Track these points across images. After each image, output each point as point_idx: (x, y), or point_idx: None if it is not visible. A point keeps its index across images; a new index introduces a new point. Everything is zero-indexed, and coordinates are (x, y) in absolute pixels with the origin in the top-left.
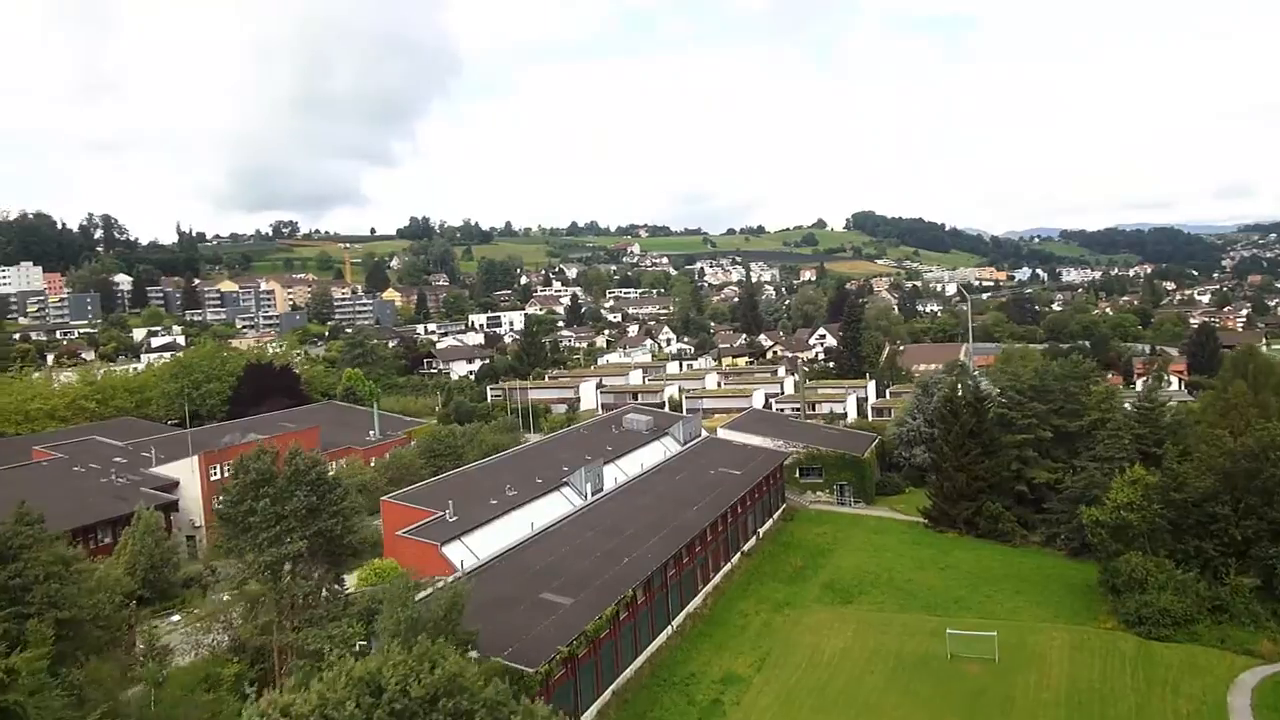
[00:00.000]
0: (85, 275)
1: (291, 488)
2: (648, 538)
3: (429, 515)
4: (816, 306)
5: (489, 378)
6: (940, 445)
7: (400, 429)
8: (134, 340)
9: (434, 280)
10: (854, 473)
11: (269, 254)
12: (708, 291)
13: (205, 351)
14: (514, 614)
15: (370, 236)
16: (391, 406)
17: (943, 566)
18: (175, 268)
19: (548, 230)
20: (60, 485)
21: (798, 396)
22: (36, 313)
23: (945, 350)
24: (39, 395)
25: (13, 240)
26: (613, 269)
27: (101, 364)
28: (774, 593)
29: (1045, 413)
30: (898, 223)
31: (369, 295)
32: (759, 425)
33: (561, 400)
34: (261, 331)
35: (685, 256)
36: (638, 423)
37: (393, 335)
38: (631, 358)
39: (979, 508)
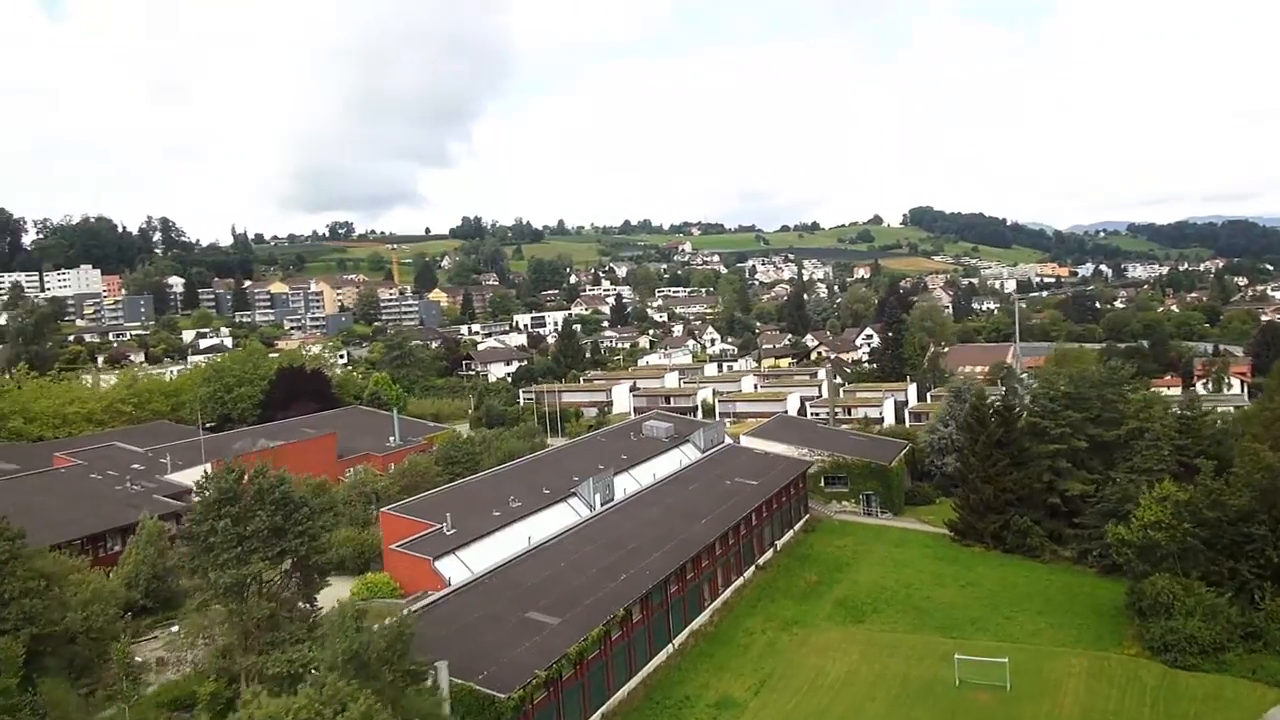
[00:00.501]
0: (139, 278)
1: (255, 507)
2: (649, 552)
3: (427, 527)
4: (866, 305)
5: (525, 379)
6: (966, 455)
7: (423, 434)
8: (183, 342)
9: (484, 280)
10: (880, 482)
11: (324, 254)
12: (758, 290)
13: (238, 355)
14: (496, 634)
15: (425, 236)
16: (425, 409)
17: (964, 584)
18: (230, 269)
19: (600, 229)
20: (74, 492)
21: (829, 401)
22: (93, 315)
23: (992, 352)
24: (77, 399)
25: (75, 244)
26: (663, 267)
27: (139, 367)
28: (784, 610)
29: (1080, 421)
30: (956, 218)
31: (416, 296)
32: (783, 432)
33: (593, 403)
34: (307, 333)
35: (737, 254)
36: (657, 430)
37: (435, 336)
38: (671, 359)
39: (1006, 521)
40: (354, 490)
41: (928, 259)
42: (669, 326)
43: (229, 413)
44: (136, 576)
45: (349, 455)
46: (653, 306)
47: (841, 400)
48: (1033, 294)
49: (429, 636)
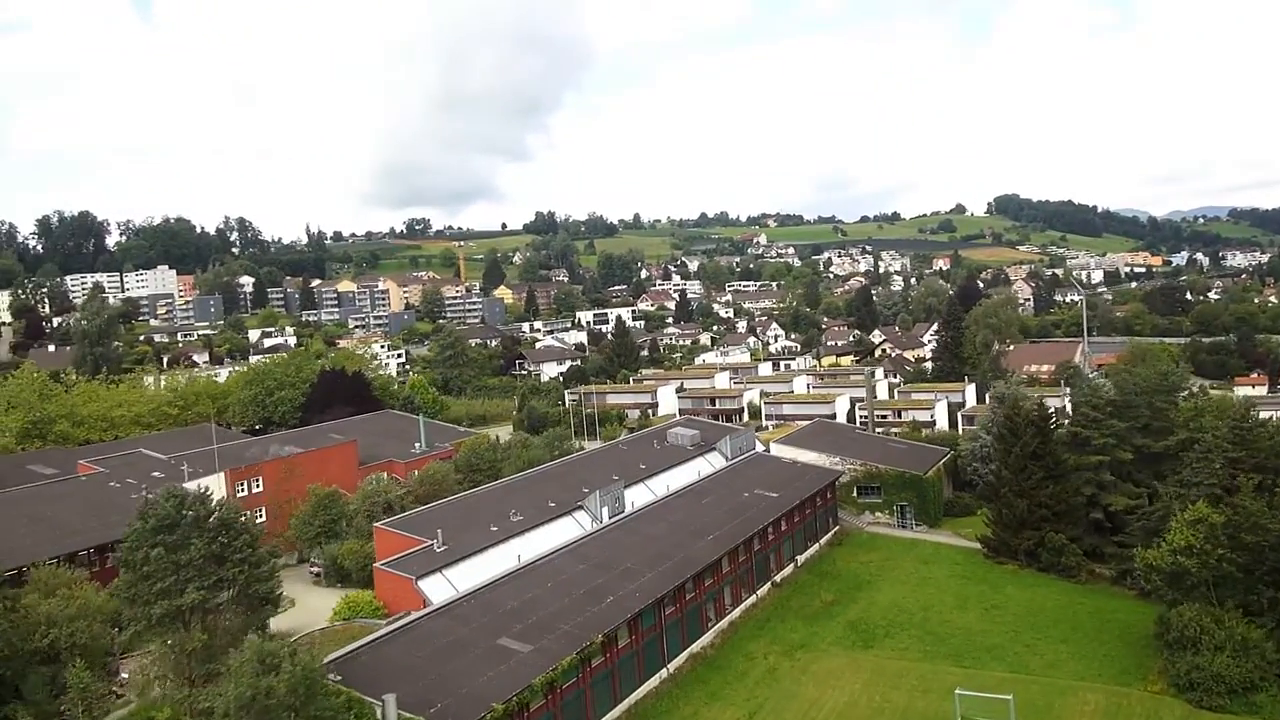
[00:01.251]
0: (210, 278)
1: (189, 535)
2: (643, 573)
3: (419, 543)
4: (939, 299)
5: (576, 379)
6: (999, 468)
7: (453, 439)
8: (249, 342)
9: (554, 276)
10: (914, 493)
11: (400, 251)
12: (831, 283)
13: (281, 358)
14: (462, 662)
15: (500, 232)
16: (473, 410)
17: (988, 606)
18: (304, 268)
19: (676, 222)
20: (90, 502)
21: (885, 403)
22: (165, 315)
23: (1059, 349)
24: (124, 402)
25: (155, 244)
26: (735, 261)
27: (200, 368)
28: (792, 632)
29: (1126, 431)
30: (1044, 206)
31: (481, 293)
32: (816, 439)
33: (637, 405)
34: (370, 331)
35: (813, 246)
36: (682, 437)
37: (495, 334)
38: (727, 357)
39: (1041, 538)
40: (368, 500)
41: (1012, 249)
42: (733, 323)
43: (270, 416)
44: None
45: (372, 462)
46: (720, 302)
47: (890, 403)
48: (1120, 285)
49: (392, 664)
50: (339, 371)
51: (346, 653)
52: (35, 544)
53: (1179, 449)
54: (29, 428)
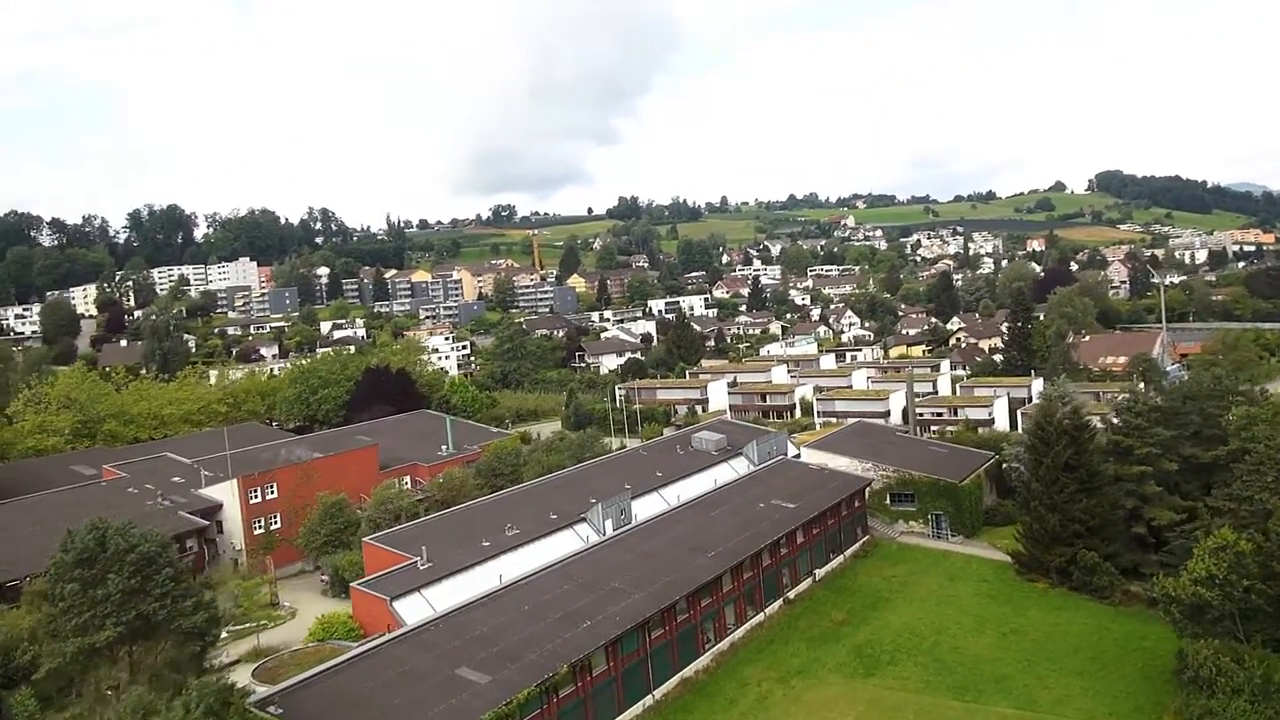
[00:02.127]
0: (286, 270)
1: (108, 570)
2: (631, 593)
3: (405, 560)
4: (1026, 283)
5: (633, 373)
6: (1030, 480)
7: (484, 440)
8: (320, 334)
9: (634, 262)
10: (950, 501)
11: (482, 239)
12: (914, 268)
13: (328, 356)
14: (412, 694)
15: (586, 217)
16: (523, 406)
17: (1007, 630)
18: (384, 257)
19: (763, 204)
20: (104, 508)
21: (941, 400)
22: (242, 307)
23: (1137, 340)
24: (175, 400)
25: (239, 236)
26: (820, 244)
27: (235, 366)
28: (793, 656)
29: (1173, 439)
30: (1149, 182)
31: (556, 281)
32: (850, 443)
33: (687, 401)
34: (440, 322)
35: (901, 228)
36: (707, 442)
37: (562, 324)
38: (793, 347)
39: (1074, 555)
40: (380, 508)
41: (1112, 228)
42: (807, 310)
43: (314, 414)
44: None
45: (396, 465)
46: (799, 288)
47: (946, 399)
48: (1226, 265)
49: (340, 696)
50: (382, 369)
51: (295, 683)
52: (37, 554)
53: (1230, 460)
54: (79, 427)
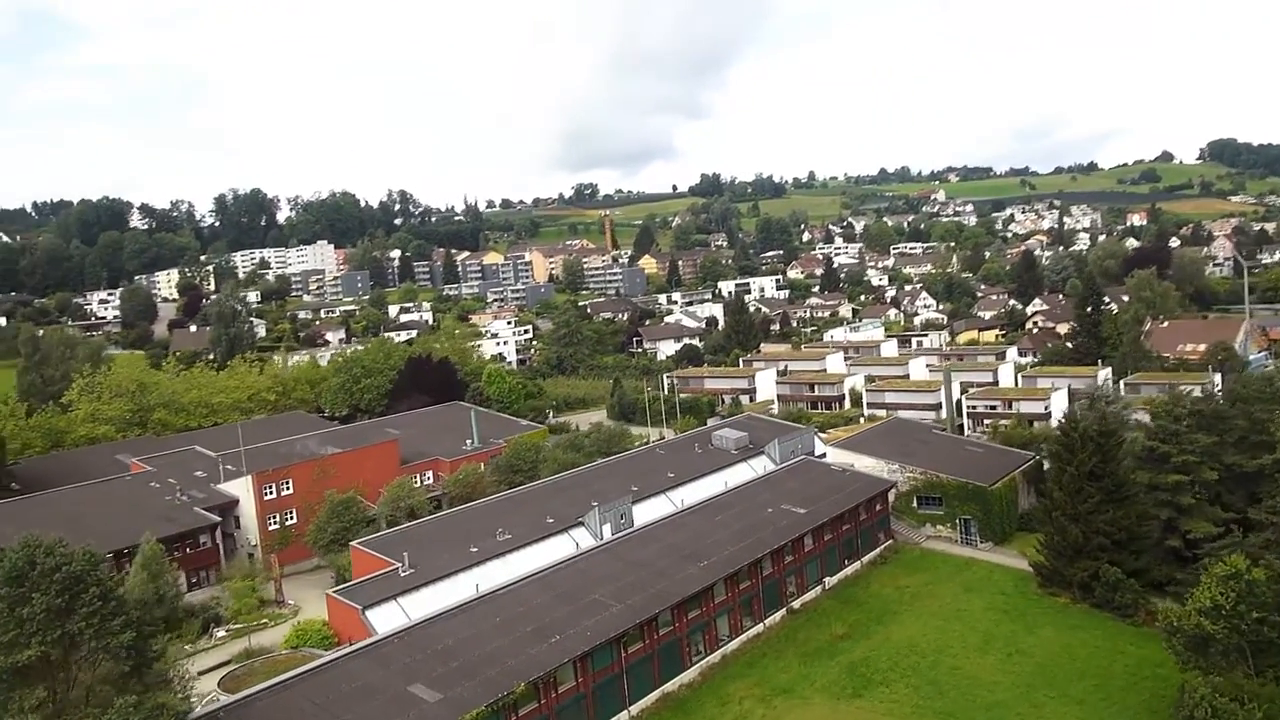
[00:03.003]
0: (359, 253)
1: (35, 588)
2: (611, 605)
3: (388, 565)
4: (1117, 261)
5: (688, 359)
6: (1051, 488)
7: (512, 433)
8: (388, 317)
9: (713, 241)
10: (978, 506)
11: (561, 219)
12: (1008, 243)
13: (373, 345)
14: (359, 712)
15: (670, 194)
16: (572, 393)
17: (1012, 651)
18: (462, 239)
19: (852, 179)
20: (123, 503)
21: (995, 392)
22: (316, 290)
23: (1222, 326)
24: (224, 389)
25: (320, 219)
26: (908, 220)
27: (297, 350)
28: (783, 672)
29: (1214, 446)
30: (1266, 150)
31: (629, 262)
32: (878, 442)
33: (734, 390)
34: (507, 305)
35: (994, 202)
36: (726, 440)
37: (627, 307)
38: (858, 332)
39: (1097, 570)
40: (391, 505)
41: (1221, 200)
42: (882, 291)
43: (358, 403)
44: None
45: (418, 460)
46: (877, 267)
47: (1001, 391)
48: None
49: (287, 712)
50: (424, 359)
51: (241, 698)
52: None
53: (1276, 469)
54: (130, 415)
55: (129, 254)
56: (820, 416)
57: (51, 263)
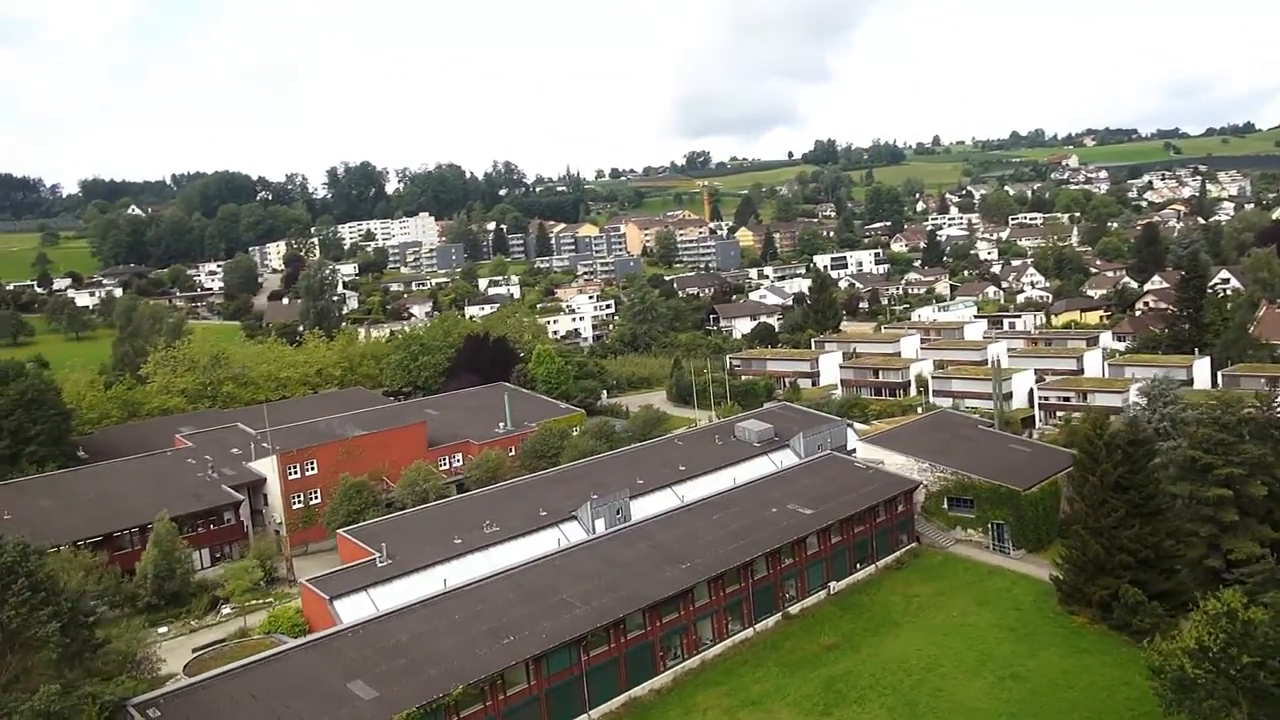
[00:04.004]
0: (456, 225)
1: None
2: (576, 606)
3: (369, 555)
4: (1256, 234)
5: (763, 338)
6: (1074, 499)
7: (550, 416)
8: (478, 290)
9: (821, 211)
10: (1010, 511)
11: (669, 189)
12: (1140, 213)
13: (435, 323)
14: (291, 707)
15: (786, 162)
16: (636, 372)
17: (1006, 674)
18: (564, 210)
19: (979, 143)
20: (158, 479)
21: (1077, 381)
22: (413, 263)
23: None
24: (291, 363)
25: (425, 191)
26: (1032, 188)
27: (369, 327)
28: (757, 683)
29: (1267, 458)
30: None
31: (726, 235)
32: (913, 439)
33: (796, 374)
34: (596, 278)
35: (1131, 168)
36: (749, 433)
37: (714, 282)
38: (948, 311)
39: (1118, 590)
40: (408, 489)
41: None
42: (987, 266)
43: (415, 380)
44: (144, 576)
45: (449, 442)
46: (990, 239)
47: (1076, 381)
48: None
49: (223, 704)
50: (481, 337)
51: (183, 687)
52: (77, 525)
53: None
54: (200, 388)
55: (245, 226)
56: (877, 404)
57: (174, 234)
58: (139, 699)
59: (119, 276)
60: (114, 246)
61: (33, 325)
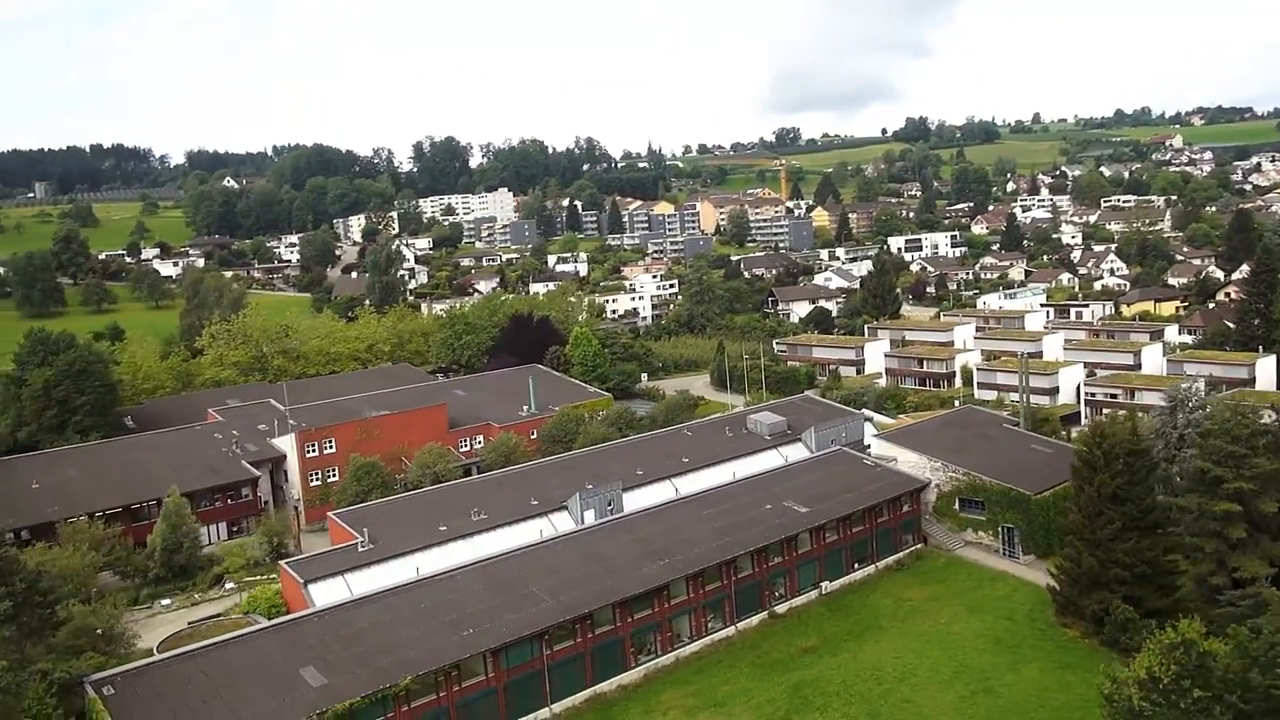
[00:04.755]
0: (531, 201)
1: None
2: (543, 599)
3: (353, 539)
4: None
5: (818, 323)
6: (1070, 508)
7: (577, 400)
8: (547, 267)
9: (906, 190)
10: (1020, 515)
11: (753, 166)
12: (1244, 196)
13: (481, 302)
14: (242, 690)
15: (880, 139)
16: (684, 355)
17: (980, 688)
18: (644, 186)
19: (1080, 121)
20: (183, 452)
21: (1125, 378)
22: (487, 238)
23: None
24: (343, 339)
25: (508, 166)
26: (1130, 169)
27: (432, 303)
28: (725, 684)
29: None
30: None
31: (804, 214)
32: (930, 436)
33: (841, 361)
34: (666, 257)
35: (1239, 149)
36: (761, 425)
37: (782, 263)
38: (1015, 298)
39: (1109, 606)
40: (420, 471)
41: None
42: (1067, 251)
43: (458, 358)
44: (153, 549)
45: (471, 424)
46: (1076, 222)
47: (1126, 378)
48: None
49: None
50: (525, 317)
51: (139, 666)
52: (99, 495)
53: None
54: (251, 361)
55: (332, 199)
56: (915, 396)
57: (263, 206)
58: (96, 676)
59: (203, 247)
60: (206, 217)
61: (116, 294)
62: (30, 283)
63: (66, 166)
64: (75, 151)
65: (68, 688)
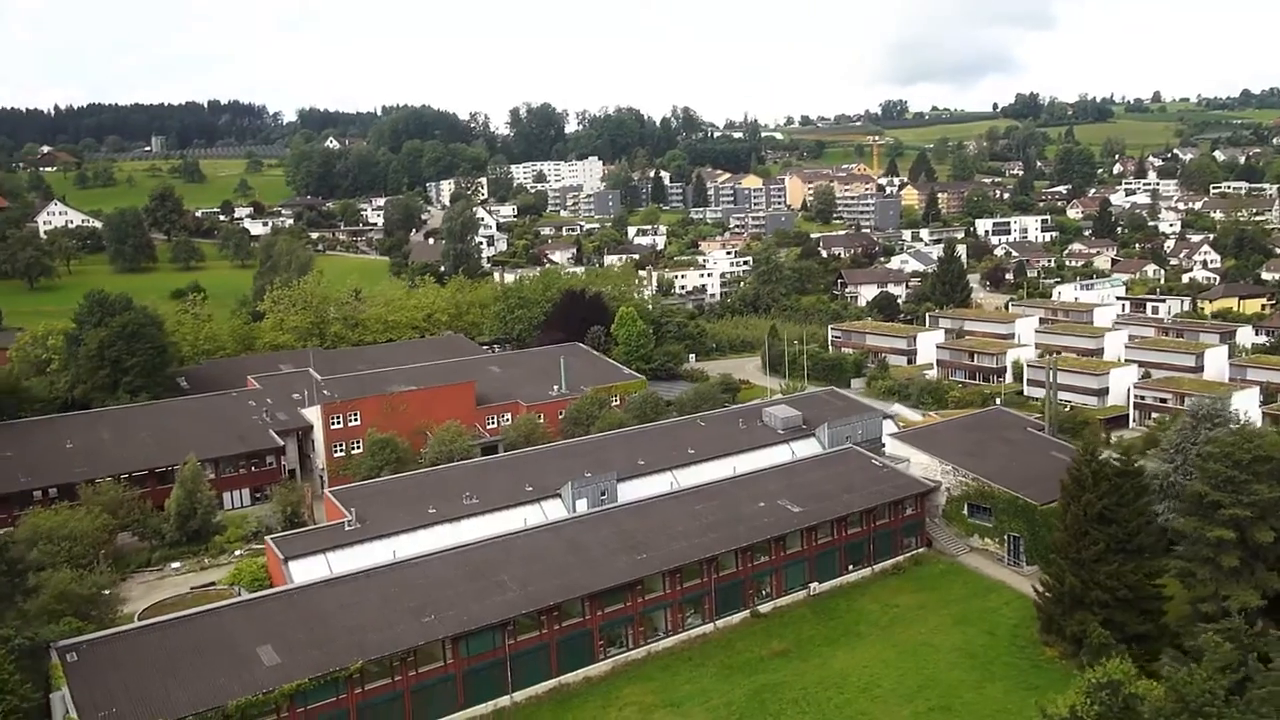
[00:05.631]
0: (617, 171)
1: None
2: (511, 589)
3: (344, 517)
4: None
5: (882, 308)
6: (1056, 526)
7: (612, 381)
8: (627, 238)
9: (1007, 170)
10: (1024, 524)
11: (854, 140)
12: None
13: (538, 276)
14: (198, 663)
15: (990, 114)
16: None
17: (938, 705)
18: (738, 158)
19: (1203, 101)
20: (215, 419)
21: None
22: (572, 206)
23: None
24: (402, 308)
25: (602, 134)
26: (1248, 154)
27: (504, 273)
28: (688, 683)
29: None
30: None
31: (890, 192)
32: (946, 438)
33: (893, 350)
34: (747, 232)
35: None
36: (775, 419)
37: (861, 242)
38: (1092, 290)
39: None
40: (437, 448)
41: None
42: (1162, 240)
43: (510, 331)
44: (169, 513)
45: (500, 401)
46: (1178, 209)
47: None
48: None
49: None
50: (578, 293)
51: (103, 636)
52: (130, 456)
53: None
54: (309, 327)
55: (427, 162)
56: (959, 392)
57: (361, 168)
58: (64, 642)
59: (295, 208)
60: (305, 177)
61: (205, 252)
62: (123, 238)
63: (184, 121)
64: (193, 107)
65: (32, 653)
